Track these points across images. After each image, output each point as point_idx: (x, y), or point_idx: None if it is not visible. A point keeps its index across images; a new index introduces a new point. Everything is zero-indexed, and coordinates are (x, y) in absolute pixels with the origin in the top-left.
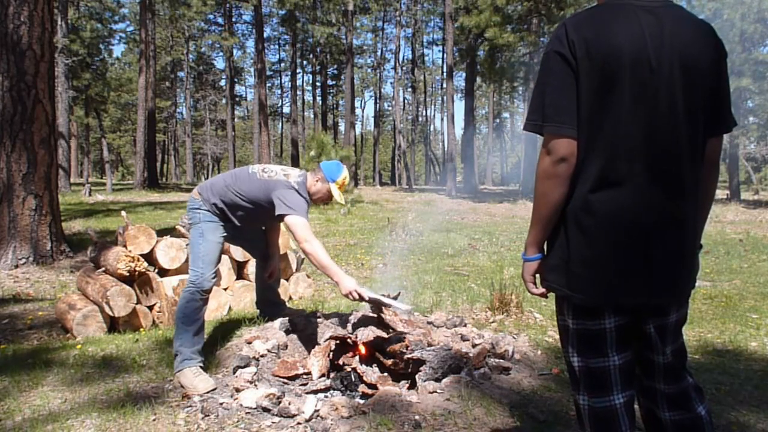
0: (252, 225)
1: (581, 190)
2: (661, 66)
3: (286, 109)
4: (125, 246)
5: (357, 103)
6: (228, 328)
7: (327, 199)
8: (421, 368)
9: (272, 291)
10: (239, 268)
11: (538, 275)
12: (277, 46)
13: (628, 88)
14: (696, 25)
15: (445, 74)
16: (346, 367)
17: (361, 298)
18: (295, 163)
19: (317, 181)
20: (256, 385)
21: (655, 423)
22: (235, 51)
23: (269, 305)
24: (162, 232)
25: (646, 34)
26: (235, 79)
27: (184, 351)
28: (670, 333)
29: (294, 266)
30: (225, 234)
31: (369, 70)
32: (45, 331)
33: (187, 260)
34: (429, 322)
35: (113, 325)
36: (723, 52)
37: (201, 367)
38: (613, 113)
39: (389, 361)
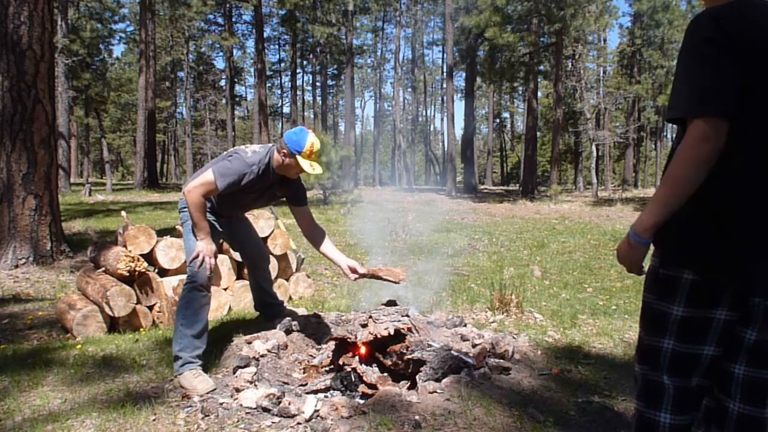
0: (236, 211)
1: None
2: None
3: (286, 109)
4: (125, 246)
5: (357, 103)
6: (228, 328)
7: (300, 172)
8: (421, 368)
9: (264, 292)
10: (239, 268)
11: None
12: (277, 46)
13: None
14: None
15: (445, 74)
16: (346, 367)
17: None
18: None
19: (284, 156)
20: (256, 385)
21: (718, 418)
22: (235, 51)
23: (267, 306)
24: (162, 232)
25: None
26: (235, 79)
27: (183, 356)
28: None
29: (294, 266)
30: (218, 230)
31: (369, 70)
32: (45, 331)
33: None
34: (429, 322)
35: (113, 325)
36: None
37: (200, 367)
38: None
39: (389, 361)
